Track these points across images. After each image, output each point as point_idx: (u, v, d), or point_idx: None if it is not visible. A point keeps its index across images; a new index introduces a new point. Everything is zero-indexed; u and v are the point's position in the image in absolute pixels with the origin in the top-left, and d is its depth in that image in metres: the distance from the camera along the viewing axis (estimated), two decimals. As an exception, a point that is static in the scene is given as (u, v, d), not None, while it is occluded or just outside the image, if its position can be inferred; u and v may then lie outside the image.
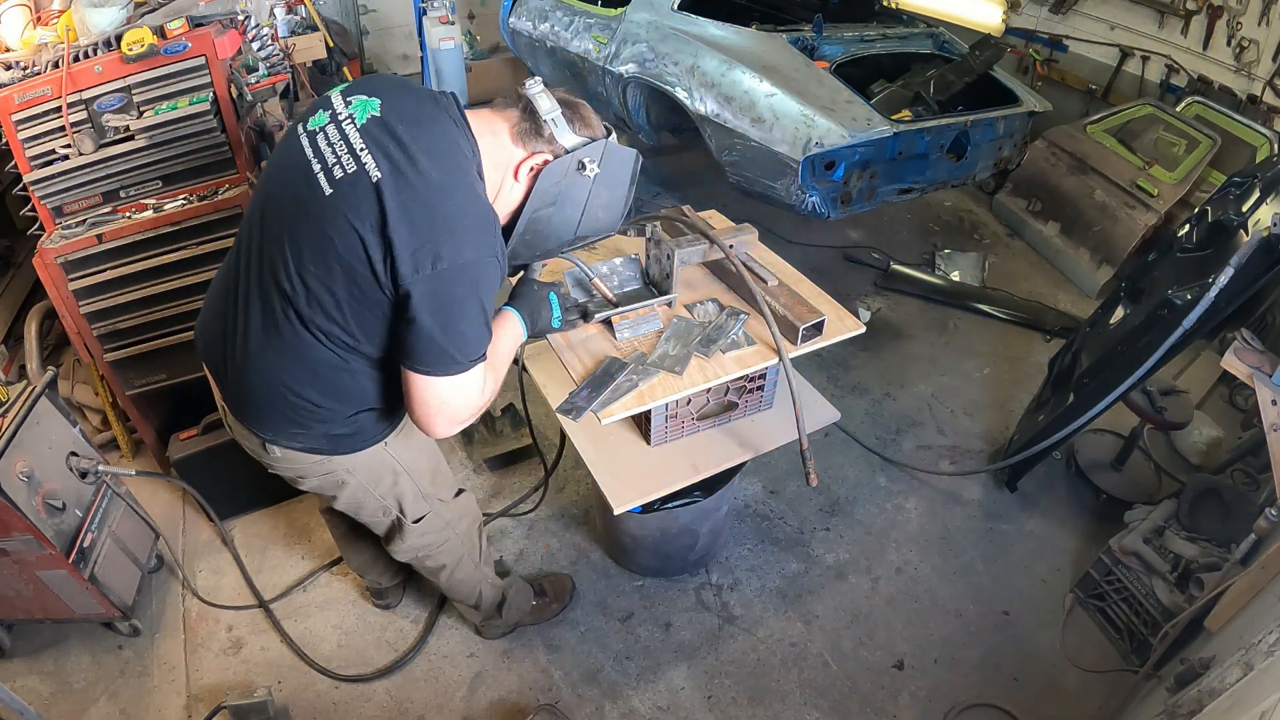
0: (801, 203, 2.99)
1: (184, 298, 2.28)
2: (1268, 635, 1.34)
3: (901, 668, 2.17)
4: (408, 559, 1.79)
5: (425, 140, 1.22)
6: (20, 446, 1.87)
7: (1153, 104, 3.86)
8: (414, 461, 1.61)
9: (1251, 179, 2.42)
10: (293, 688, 2.10)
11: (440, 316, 1.20)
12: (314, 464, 1.47)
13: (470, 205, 1.22)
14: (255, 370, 1.35)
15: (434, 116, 1.26)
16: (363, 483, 1.55)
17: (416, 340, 1.22)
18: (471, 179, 1.25)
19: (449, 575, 1.87)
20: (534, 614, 2.20)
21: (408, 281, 1.17)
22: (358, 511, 1.65)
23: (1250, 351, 1.74)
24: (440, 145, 1.23)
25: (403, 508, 1.65)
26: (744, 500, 2.63)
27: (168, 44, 2.09)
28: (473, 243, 1.20)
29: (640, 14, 3.52)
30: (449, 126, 1.26)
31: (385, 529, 1.72)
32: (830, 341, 1.73)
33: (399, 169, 1.19)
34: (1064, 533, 2.56)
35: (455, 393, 1.28)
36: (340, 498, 1.58)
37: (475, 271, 1.20)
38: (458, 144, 1.25)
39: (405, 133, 1.22)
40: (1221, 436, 2.78)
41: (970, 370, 3.27)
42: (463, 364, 1.25)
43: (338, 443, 1.45)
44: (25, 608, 2.05)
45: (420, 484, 1.64)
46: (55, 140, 2.13)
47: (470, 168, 1.26)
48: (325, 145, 1.24)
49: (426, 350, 1.22)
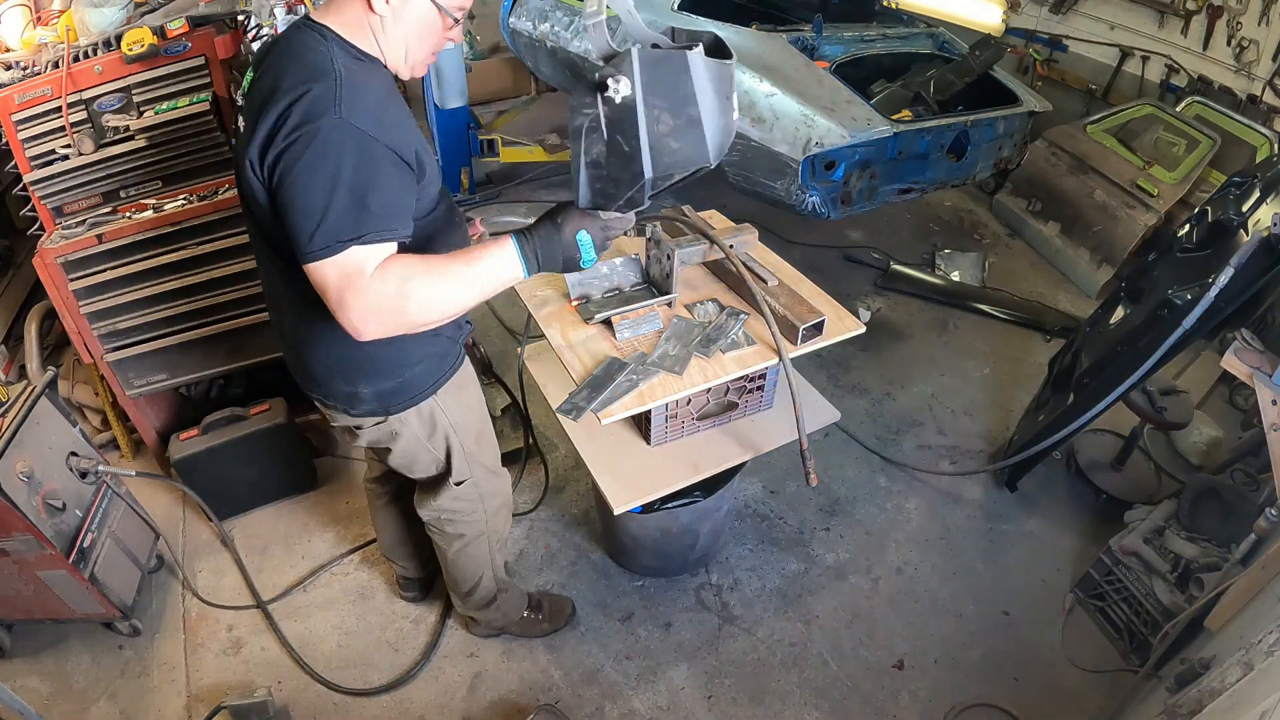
0: (801, 203, 2.99)
1: (184, 298, 2.28)
2: (1268, 635, 1.34)
3: (901, 668, 2.17)
4: (430, 518, 1.79)
5: (270, 64, 1.24)
6: (20, 446, 1.87)
7: (1153, 104, 3.87)
8: (460, 418, 1.62)
9: (1251, 179, 2.42)
10: (293, 688, 2.10)
11: (285, 195, 1.15)
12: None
13: (301, 72, 1.16)
14: (291, 341, 1.46)
15: (278, 43, 1.27)
16: (416, 433, 1.57)
17: (286, 231, 1.17)
18: (306, 56, 1.19)
19: (462, 547, 1.86)
20: (521, 625, 2.17)
21: (261, 174, 1.18)
22: (412, 467, 1.67)
23: (1250, 351, 1.74)
24: (277, 59, 1.23)
25: (450, 464, 1.66)
26: (744, 500, 2.63)
27: (168, 44, 2.09)
28: (303, 109, 1.13)
29: (640, 14, 3.51)
30: (289, 39, 1.25)
31: (430, 480, 1.74)
32: (830, 341, 1.73)
33: (246, 108, 1.24)
34: (1064, 533, 2.56)
35: (339, 279, 1.14)
36: (394, 450, 1.61)
37: (311, 140, 1.12)
38: (294, 42, 1.23)
39: (256, 75, 1.27)
40: (1221, 436, 2.78)
41: (970, 370, 3.27)
42: (324, 243, 1.12)
43: (386, 399, 1.49)
44: (25, 608, 2.05)
45: (465, 441, 1.65)
46: (55, 140, 2.13)
47: (307, 54, 1.20)
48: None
49: (291, 236, 1.16)
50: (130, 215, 2.19)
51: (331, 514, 2.57)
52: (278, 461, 2.51)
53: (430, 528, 1.83)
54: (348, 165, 1.13)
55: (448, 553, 1.89)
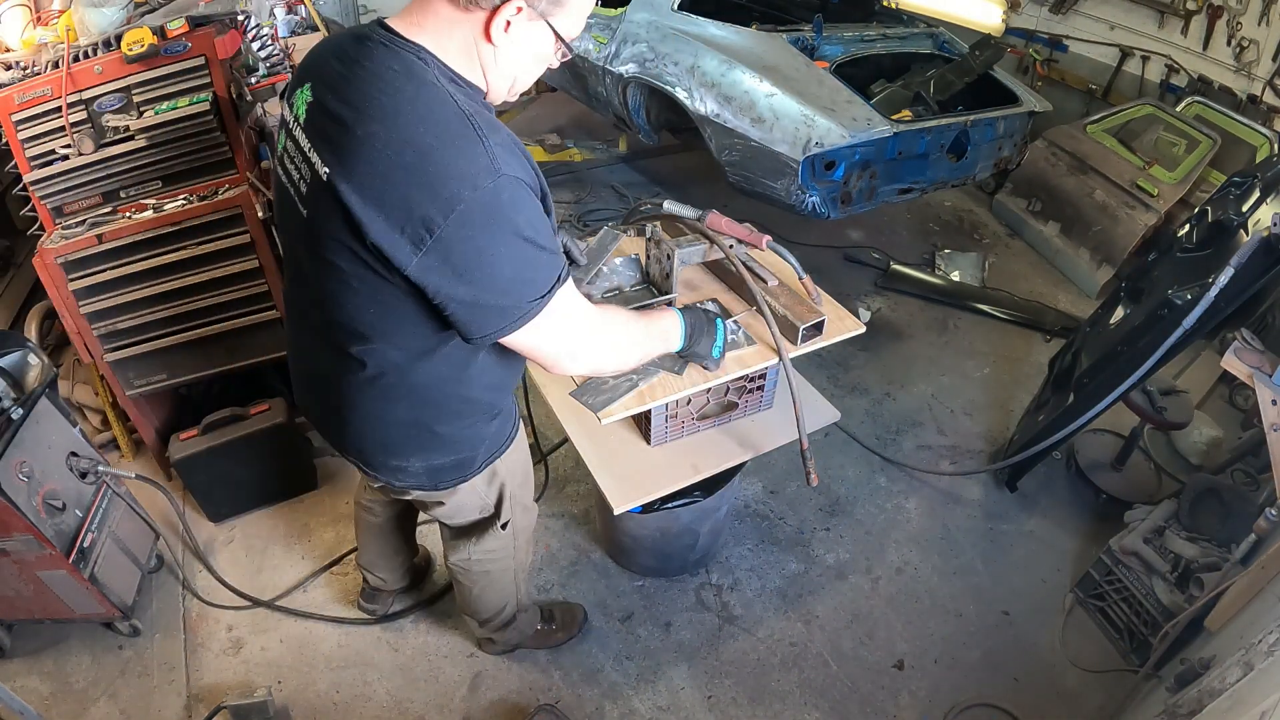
0: (801, 203, 2.99)
1: (184, 297, 2.28)
2: (1268, 635, 1.34)
3: (901, 668, 2.17)
4: (459, 564, 1.72)
5: (355, 96, 1.02)
6: (20, 446, 1.86)
7: (1153, 104, 3.87)
8: (513, 464, 1.56)
9: (1251, 179, 2.42)
10: (293, 688, 2.10)
11: (471, 278, 1.03)
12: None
13: (433, 134, 0.99)
14: (348, 416, 1.31)
15: (358, 61, 1.05)
16: (476, 487, 1.51)
17: (467, 313, 1.06)
18: (422, 100, 1.01)
19: (487, 585, 1.80)
20: (537, 639, 2.15)
21: (413, 269, 1.01)
22: (454, 517, 1.61)
23: (1250, 351, 1.74)
24: (370, 89, 1.02)
25: (499, 509, 1.61)
26: (744, 500, 2.63)
27: (168, 44, 2.09)
28: (459, 179, 0.98)
29: (640, 14, 3.52)
30: (377, 60, 1.04)
31: (469, 526, 1.67)
32: (830, 341, 1.73)
33: (341, 149, 1.02)
34: (1064, 533, 2.56)
35: (549, 334, 1.13)
36: (447, 504, 1.53)
37: (482, 209, 0.99)
38: (390, 71, 1.02)
39: (334, 102, 1.04)
40: (1221, 436, 2.78)
41: (970, 370, 3.27)
42: (529, 309, 1.08)
43: (436, 475, 1.41)
44: (25, 608, 2.05)
45: (513, 485, 1.60)
46: (55, 140, 2.13)
47: (415, 86, 1.02)
48: (291, 166, 1.13)
49: (481, 317, 1.07)
50: (130, 215, 2.19)
51: (331, 514, 2.57)
52: (278, 461, 2.51)
53: (454, 572, 1.78)
54: (524, 220, 1.04)
55: (472, 590, 1.83)
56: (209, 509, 2.52)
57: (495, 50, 1.07)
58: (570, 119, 5.14)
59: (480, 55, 1.08)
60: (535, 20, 1.06)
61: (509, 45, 1.07)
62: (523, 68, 1.13)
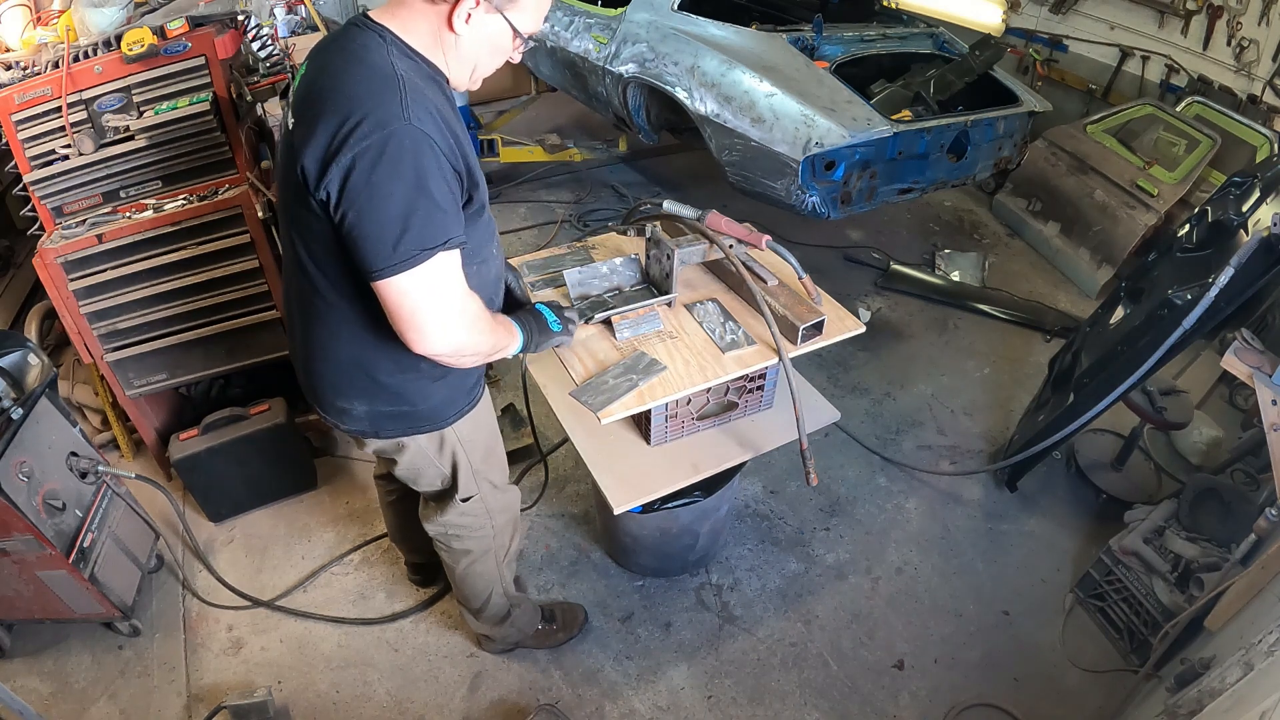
0: (801, 203, 2.99)
1: (184, 297, 2.28)
2: (1268, 635, 1.34)
3: (901, 668, 2.17)
4: (436, 533, 1.77)
5: (322, 64, 1.21)
6: (20, 446, 1.87)
7: (1153, 104, 3.86)
8: (470, 435, 1.60)
9: (1251, 179, 2.42)
10: (293, 688, 2.10)
11: (360, 205, 1.12)
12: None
13: (362, 84, 1.14)
14: (300, 343, 1.44)
15: (335, 39, 1.24)
16: (423, 449, 1.56)
17: (354, 242, 1.15)
18: (366, 63, 1.16)
19: (469, 564, 1.84)
20: (537, 638, 2.16)
21: (320, 187, 1.13)
22: (416, 479, 1.67)
23: (1250, 351, 1.74)
24: (332, 58, 1.20)
25: (457, 481, 1.65)
26: (744, 500, 2.63)
27: (168, 44, 2.09)
28: (370, 117, 1.10)
29: (640, 14, 3.52)
30: (348, 37, 1.21)
31: (435, 494, 1.73)
32: (830, 341, 1.73)
33: (300, 106, 1.19)
34: (1064, 533, 2.56)
35: (421, 291, 1.18)
36: (400, 461, 1.60)
37: (381, 144, 1.10)
38: (353, 44, 1.19)
39: (310, 73, 1.22)
40: (1221, 436, 2.78)
41: (970, 370, 3.27)
42: (410, 253, 1.14)
43: (379, 422, 1.48)
44: (25, 608, 2.05)
45: (473, 458, 1.64)
46: (55, 140, 2.13)
47: (365, 53, 1.18)
48: (283, 143, 1.28)
49: (364, 248, 1.15)
50: (130, 215, 2.19)
51: (331, 514, 2.57)
52: (278, 461, 2.52)
53: (437, 543, 1.81)
54: (425, 170, 1.13)
55: (455, 569, 1.87)
56: (209, 509, 2.52)
57: (457, 39, 1.22)
58: (570, 119, 5.14)
59: (444, 43, 1.23)
60: (492, 13, 1.21)
61: (469, 35, 1.22)
62: (482, 57, 1.28)
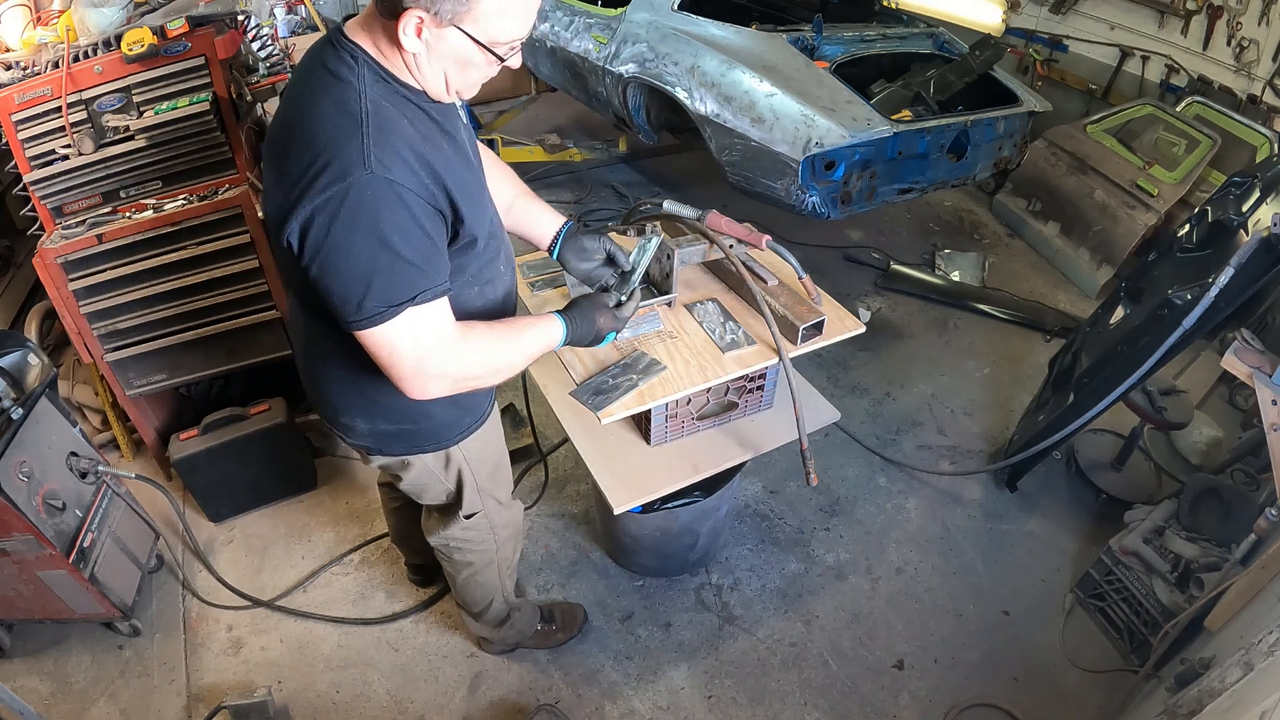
0: (801, 203, 2.99)
1: (184, 297, 2.28)
2: (1268, 635, 1.34)
3: (901, 668, 2.17)
4: (439, 545, 1.77)
5: (292, 90, 1.16)
6: (20, 446, 1.87)
7: (1153, 104, 3.86)
8: (477, 453, 1.59)
9: (1251, 179, 2.42)
10: (293, 688, 2.10)
11: (320, 262, 1.09)
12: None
13: (323, 125, 1.07)
14: (305, 365, 1.44)
15: (312, 57, 1.16)
16: (429, 466, 1.55)
17: (321, 295, 1.12)
18: (330, 95, 1.10)
19: (470, 575, 1.84)
20: (537, 639, 2.16)
21: (284, 233, 1.09)
22: (420, 494, 1.66)
23: (1250, 351, 1.74)
24: (301, 84, 1.15)
25: (462, 497, 1.64)
26: (744, 500, 2.63)
27: (168, 44, 2.09)
28: (329, 168, 1.05)
29: (640, 14, 3.52)
30: (321, 57, 1.14)
31: (439, 508, 1.73)
32: (830, 341, 1.73)
33: (269, 144, 1.16)
34: (1064, 533, 2.56)
35: (395, 344, 1.14)
36: (405, 478, 1.59)
37: (340, 198, 1.05)
38: (320, 68, 1.13)
39: (283, 105, 1.18)
40: (1221, 436, 2.78)
41: (970, 370, 3.27)
42: (375, 310, 1.10)
43: (382, 440, 1.47)
44: (25, 608, 2.05)
45: (479, 476, 1.62)
46: (55, 140, 2.13)
47: (331, 82, 1.11)
48: None
49: (331, 302, 1.12)
50: (130, 215, 2.19)
51: (331, 514, 2.57)
52: (278, 461, 2.52)
53: (439, 553, 1.81)
54: (386, 225, 1.07)
55: (456, 578, 1.87)
56: (209, 509, 2.52)
57: (414, 55, 1.12)
58: (570, 119, 5.13)
59: (404, 57, 1.13)
60: (444, 26, 1.08)
61: (425, 50, 1.11)
62: (450, 72, 1.16)
